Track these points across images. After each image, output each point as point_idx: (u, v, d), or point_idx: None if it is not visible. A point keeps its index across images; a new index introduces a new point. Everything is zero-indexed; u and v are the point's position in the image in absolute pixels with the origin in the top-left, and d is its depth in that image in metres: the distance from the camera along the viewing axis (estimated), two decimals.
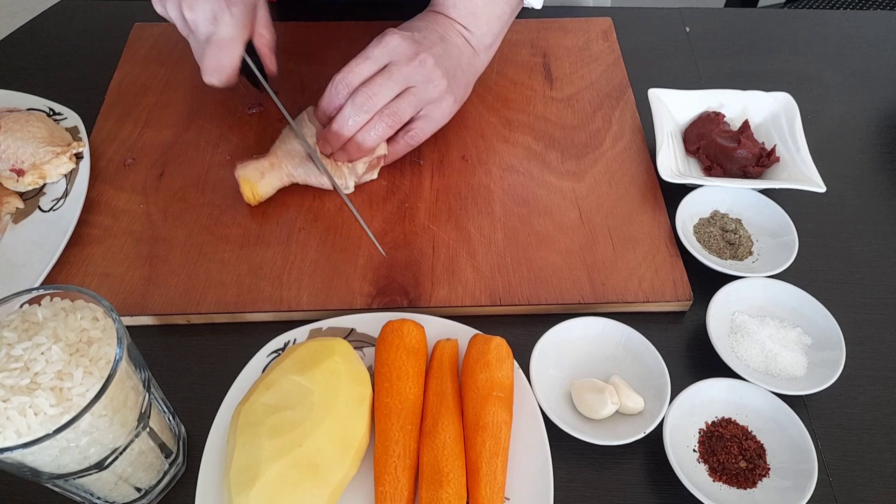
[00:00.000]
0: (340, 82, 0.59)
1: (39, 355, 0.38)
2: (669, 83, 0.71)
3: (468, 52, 0.65)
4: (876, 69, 0.79)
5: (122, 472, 0.43)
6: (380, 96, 0.59)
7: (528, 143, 0.69)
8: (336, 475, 0.45)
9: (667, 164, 0.64)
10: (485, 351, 0.51)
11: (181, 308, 0.57)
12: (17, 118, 0.64)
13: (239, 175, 0.61)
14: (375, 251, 0.60)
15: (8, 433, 0.36)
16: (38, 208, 0.62)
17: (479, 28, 0.65)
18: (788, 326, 0.56)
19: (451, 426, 0.48)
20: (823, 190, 0.61)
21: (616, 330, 0.55)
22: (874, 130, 0.73)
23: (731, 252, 0.61)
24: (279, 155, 0.62)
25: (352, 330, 0.55)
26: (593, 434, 0.49)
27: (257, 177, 0.61)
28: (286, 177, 0.62)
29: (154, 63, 0.76)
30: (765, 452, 0.50)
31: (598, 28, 0.81)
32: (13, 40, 0.81)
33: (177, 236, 0.61)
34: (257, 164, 0.61)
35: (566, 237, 0.62)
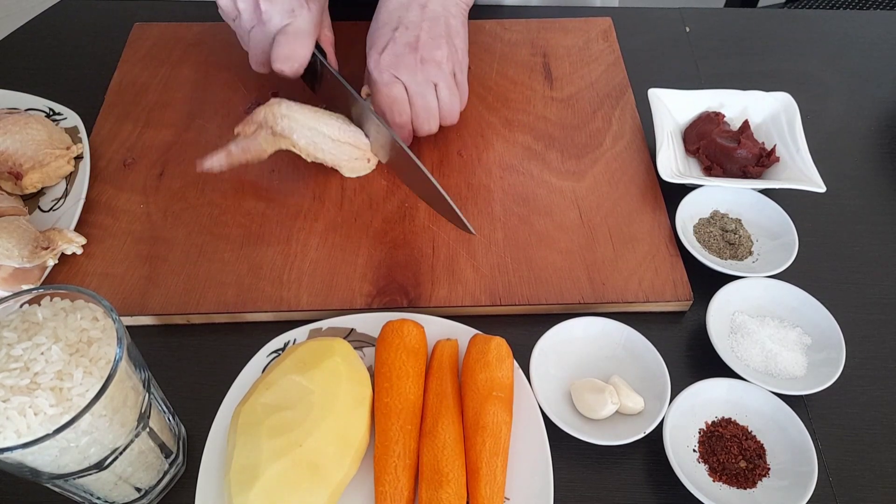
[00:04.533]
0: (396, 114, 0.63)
1: (39, 355, 0.38)
2: (669, 83, 0.71)
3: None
4: (876, 69, 0.79)
5: (122, 472, 0.43)
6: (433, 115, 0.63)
7: (528, 143, 0.69)
8: (336, 475, 0.45)
9: (667, 164, 0.64)
10: (485, 351, 0.51)
11: (181, 308, 0.57)
12: (17, 120, 0.63)
13: None
14: (375, 251, 0.60)
15: (8, 433, 0.36)
16: (39, 208, 0.62)
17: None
18: (788, 326, 0.56)
19: (451, 426, 0.48)
20: (823, 190, 0.61)
21: (616, 330, 0.55)
22: (874, 130, 0.73)
23: (731, 252, 0.61)
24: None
25: (352, 330, 0.55)
26: (593, 434, 0.49)
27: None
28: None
29: (154, 63, 0.76)
30: (765, 452, 0.50)
31: (598, 28, 0.81)
32: (13, 40, 0.81)
33: (177, 236, 0.61)
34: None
35: (566, 237, 0.62)
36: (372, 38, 0.63)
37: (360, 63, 0.76)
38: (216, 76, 0.75)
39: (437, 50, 0.61)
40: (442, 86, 0.62)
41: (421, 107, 0.62)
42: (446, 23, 0.63)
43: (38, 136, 0.63)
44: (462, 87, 0.65)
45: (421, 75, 0.61)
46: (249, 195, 0.65)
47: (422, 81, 0.61)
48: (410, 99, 0.62)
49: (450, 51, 0.62)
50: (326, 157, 0.62)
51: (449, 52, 0.62)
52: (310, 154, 0.62)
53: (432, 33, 0.62)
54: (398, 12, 0.63)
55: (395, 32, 0.62)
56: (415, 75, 0.61)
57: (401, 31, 0.62)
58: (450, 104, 0.63)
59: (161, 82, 0.75)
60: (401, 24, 0.62)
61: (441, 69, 0.61)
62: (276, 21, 0.62)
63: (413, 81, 0.61)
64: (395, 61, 0.61)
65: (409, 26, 0.62)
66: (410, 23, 0.62)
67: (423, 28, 0.61)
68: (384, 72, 0.61)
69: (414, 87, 0.61)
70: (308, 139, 0.61)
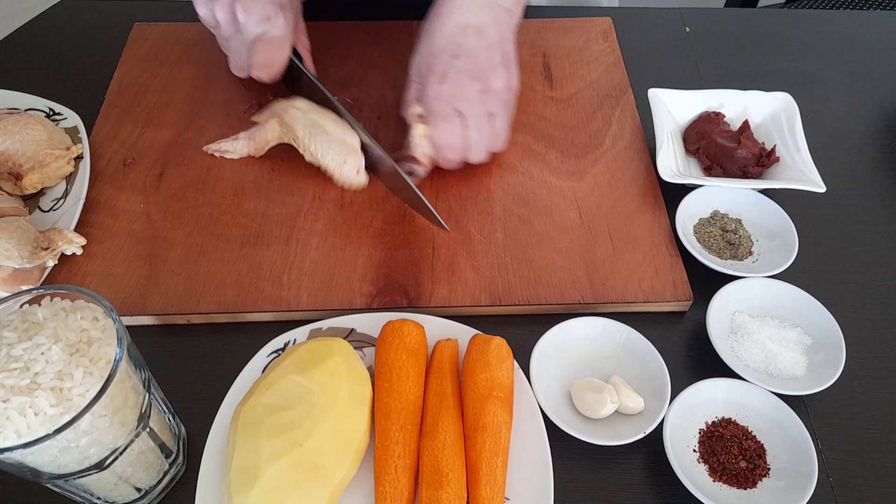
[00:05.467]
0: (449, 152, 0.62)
1: (39, 355, 0.38)
2: (669, 83, 0.71)
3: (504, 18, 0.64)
4: (876, 69, 0.79)
5: (122, 472, 0.43)
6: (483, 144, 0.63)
7: (528, 143, 0.69)
8: (336, 475, 0.45)
9: (667, 164, 0.64)
10: (485, 351, 0.51)
11: (181, 308, 0.57)
12: (17, 120, 0.63)
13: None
14: (375, 251, 0.60)
15: (8, 433, 0.36)
16: (39, 208, 0.62)
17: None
18: (788, 326, 0.56)
19: (451, 426, 0.48)
20: (823, 190, 0.61)
21: (616, 330, 0.55)
22: (874, 130, 0.73)
23: (731, 252, 0.61)
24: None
25: (352, 330, 0.55)
26: (593, 434, 0.49)
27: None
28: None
29: (154, 63, 0.76)
30: (765, 452, 0.50)
31: (598, 28, 0.81)
32: (13, 40, 0.81)
33: (177, 236, 0.61)
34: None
35: (566, 237, 0.62)
36: (429, 63, 0.62)
37: (359, 63, 0.76)
38: (216, 76, 0.75)
39: (498, 80, 0.61)
40: (500, 117, 0.62)
41: (476, 139, 0.61)
42: (503, 49, 0.62)
43: (38, 136, 0.63)
44: (512, 116, 0.64)
45: (480, 108, 0.61)
46: (249, 195, 0.65)
47: (480, 114, 0.61)
48: (467, 131, 0.61)
49: (508, 80, 0.62)
50: (318, 151, 0.63)
51: (507, 81, 0.62)
52: (307, 148, 0.63)
53: (492, 62, 0.61)
54: (457, 38, 0.61)
55: (454, 60, 0.60)
56: (474, 107, 0.60)
57: (463, 60, 0.60)
58: (504, 134, 0.63)
59: (161, 82, 0.75)
60: (461, 51, 0.61)
61: (499, 100, 0.61)
62: (252, 30, 0.62)
63: (472, 114, 0.60)
64: (457, 92, 0.60)
65: (471, 54, 0.61)
66: (471, 50, 0.61)
67: (482, 56, 0.61)
68: (445, 104, 0.60)
69: (473, 121, 0.61)
70: (307, 130, 0.62)
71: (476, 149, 0.62)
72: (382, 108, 0.72)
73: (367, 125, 0.70)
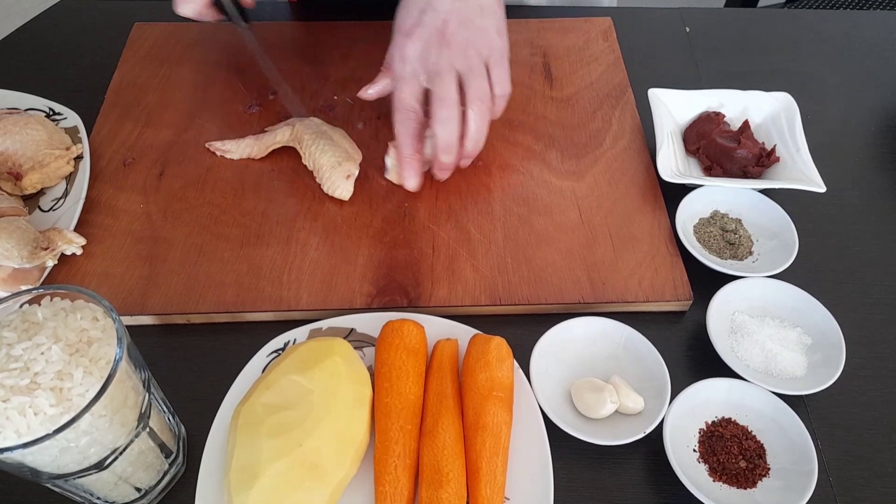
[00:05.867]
0: (403, 112, 0.59)
1: (39, 355, 0.38)
2: (669, 83, 0.71)
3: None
4: (876, 69, 0.79)
5: (122, 472, 0.43)
6: (449, 101, 0.57)
7: (528, 143, 0.69)
8: (336, 475, 0.45)
9: (667, 164, 0.64)
10: (485, 351, 0.51)
11: (181, 308, 0.57)
12: (17, 121, 0.63)
13: None
14: (375, 251, 0.60)
15: (8, 433, 0.36)
16: (39, 208, 0.62)
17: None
18: (788, 326, 0.56)
19: (451, 426, 0.48)
20: (823, 190, 0.61)
21: (616, 330, 0.55)
22: (874, 130, 0.73)
23: (731, 252, 0.61)
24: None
25: (352, 330, 0.55)
26: (593, 434, 0.49)
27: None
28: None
29: (154, 63, 0.76)
30: (765, 452, 0.50)
31: (598, 28, 0.81)
32: (13, 40, 0.81)
33: (177, 236, 0.61)
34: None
35: (566, 237, 0.62)
36: (398, 17, 0.59)
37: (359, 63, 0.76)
38: (216, 76, 0.75)
39: (465, 32, 0.57)
40: (468, 73, 0.57)
41: (437, 98, 0.57)
42: (478, 4, 0.58)
43: (38, 136, 0.63)
44: (501, 68, 0.59)
45: (444, 61, 0.56)
46: (249, 195, 0.65)
47: (446, 68, 0.57)
48: (431, 93, 0.57)
49: (482, 34, 0.57)
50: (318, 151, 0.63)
51: (481, 35, 0.57)
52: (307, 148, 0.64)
53: (462, 16, 0.57)
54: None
55: (422, 16, 0.57)
56: (438, 61, 0.56)
57: (429, 17, 0.57)
58: (477, 89, 0.58)
59: (161, 82, 0.75)
60: (426, 7, 0.58)
61: (469, 55, 0.57)
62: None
63: (435, 68, 0.57)
64: (422, 50, 0.57)
65: (437, 8, 0.57)
66: (438, 4, 0.57)
67: (452, 10, 0.57)
68: (404, 63, 0.57)
69: (432, 72, 0.57)
70: (314, 134, 0.64)
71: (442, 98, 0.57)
72: (382, 107, 0.72)
73: (367, 125, 0.70)
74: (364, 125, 0.70)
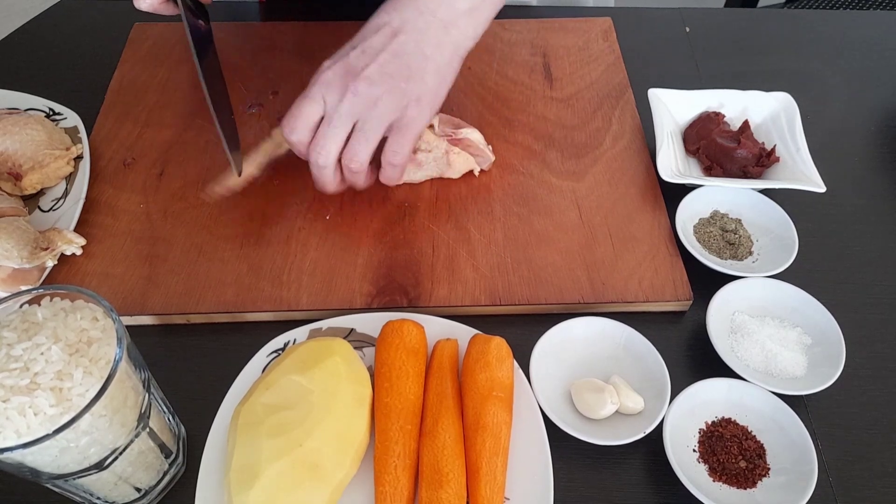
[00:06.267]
0: (289, 130, 0.57)
1: (39, 355, 0.38)
2: (669, 83, 0.71)
3: (434, 32, 0.56)
4: (876, 69, 0.79)
5: (121, 472, 0.43)
6: (328, 148, 0.56)
7: (528, 143, 0.69)
8: (336, 475, 0.45)
9: (667, 164, 0.64)
10: (485, 351, 0.51)
11: (181, 308, 0.57)
12: (16, 121, 0.63)
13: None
14: (375, 251, 0.60)
15: (8, 433, 0.36)
16: (38, 208, 0.62)
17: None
18: (788, 326, 0.56)
19: (451, 426, 0.48)
20: (823, 190, 0.61)
21: (616, 330, 0.55)
22: (874, 130, 0.73)
23: (731, 252, 0.61)
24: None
25: (352, 330, 0.55)
26: (593, 434, 0.49)
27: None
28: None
29: (154, 63, 0.76)
30: (765, 452, 0.50)
31: (598, 28, 0.81)
32: (13, 40, 0.81)
33: (176, 236, 0.61)
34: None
35: (566, 237, 0.62)
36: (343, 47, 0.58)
37: None
38: None
39: (378, 89, 0.54)
40: (359, 126, 0.55)
41: (322, 133, 0.56)
42: (409, 64, 0.55)
43: (38, 136, 0.63)
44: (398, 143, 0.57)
45: (346, 106, 0.55)
46: (249, 195, 0.64)
47: (344, 113, 0.55)
48: (321, 122, 0.56)
49: (394, 99, 0.55)
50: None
51: (392, 99, 0.55)
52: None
53: (385, 69, 0.54)
54: (370, 32, 0.57)
55: (351, 52, 0.56)
56: (339, 103, 0.55)
57: (356, 54, 0.55)
58: (357, 146, 0.56)
59: (161, 82, 0.75)
60: (361, 44, 0.56)
61: (372, 110, 0.55)
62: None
63: (333, 107, 0.55)
64: (330, 82, 0.55)
65: (367, 51, 0.55)
66: (370, 48, 0.55)
67: (377, 59, 0.55)
68: (316, 85, 0.56)
69: (330, 113, 0.55)
70: None
71: (321, 145, 0.56)
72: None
73: None
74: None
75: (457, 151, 0.63)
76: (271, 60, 0.77)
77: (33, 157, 0.62)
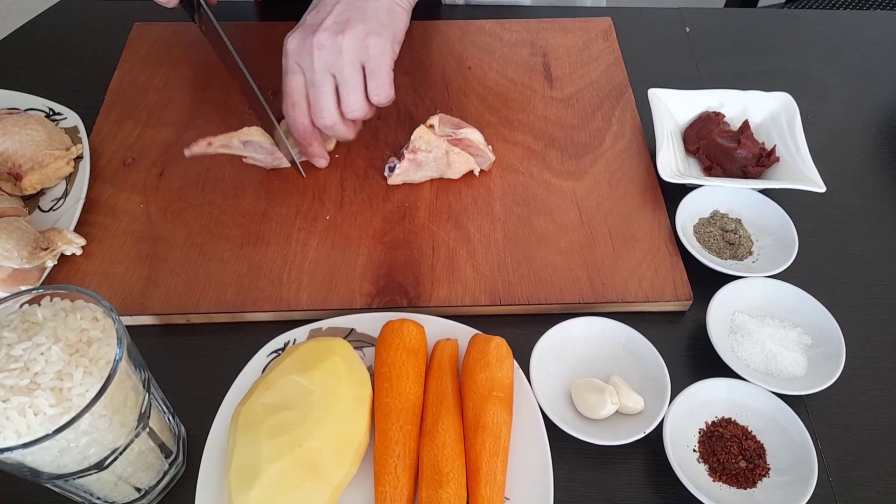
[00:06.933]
0: (289, 108, 0.60)
1: (39, 355, 0.38)
2: (669, 83, 0.71)
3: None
4: (876, 69, 0.79)
5: (121, 472, 0.43)
6: (326, 108, 0.59)
7: (528, 143, 0.69)
8: (336, 475, 0.45)
9: (667, 164, 0.64)
10: (485, 351, 0.51)
11: (181, 308, 0.57)
12: (16, 121, 0.63)
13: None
14: (375, 251, 0.60)
15: (8, 433, 0.36)
16: (38, 208, 0.62)
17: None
18: (788, 326, 0.56)
19: (451, 426, 0.48)
20: (823, 190, 0.61)
21: (616, 330, 0.55)
22: (874, 130, 0.73)
23: (731, 252, 0.61)
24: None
25: (352, 330, 0.55)
26: (593, 434, 0.49)
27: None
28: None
29: (154, 63, 0.76)
30: (765, 452, 0.50)
31: (598, 28, 0.81)
32: (13, 40, 0.81)
33: (176, 236, 0.61)
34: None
35: (566, 237, 0.62)
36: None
37: None
38: (216, 76, 0.75)
39: (339, 35, 0.56)
40: (339, 77, 0.57)
41: (314, 98, 0.58)
42: (363, 6, 0.58)
43: (38, 136, 0.63)
44: (378, 78, 0.58)
45: (318, 63, 0.57)
46: (249, 195, 0.65)
47: (318, 70, 0.57)
48: (307, 89, 0.58)
49: (354, 37, 0.56)
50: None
51: (353, 37, 0.56)
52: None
53: (339, 17, 0.57)
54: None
55: (307, 15, 0.59)
56: (312, 63, 0.57)
57: (312, 14, 0.58)
58: (347, 98, 0.58)
59: (161, 82, 0.75)
60: (316, 6, 0.59)
61: (340, 57, 0.56)
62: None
63: (310, 69, 0.57)
64: (297, 47, 0.58)
65: (321, 9, 0.58)
66: (324, 6, 0.58)
67: (332, 12, 0.57)
68: (288, 57, 0.58)
69: (310, 76, 0.58)
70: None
71: (316, 109, 0.59)
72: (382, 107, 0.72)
73: (366, 124, 0.70)
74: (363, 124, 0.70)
75: (457, 151, 0.63)
76: (268, 60, 0.76)
77: (33, 158, 0.62)
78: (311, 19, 0.58)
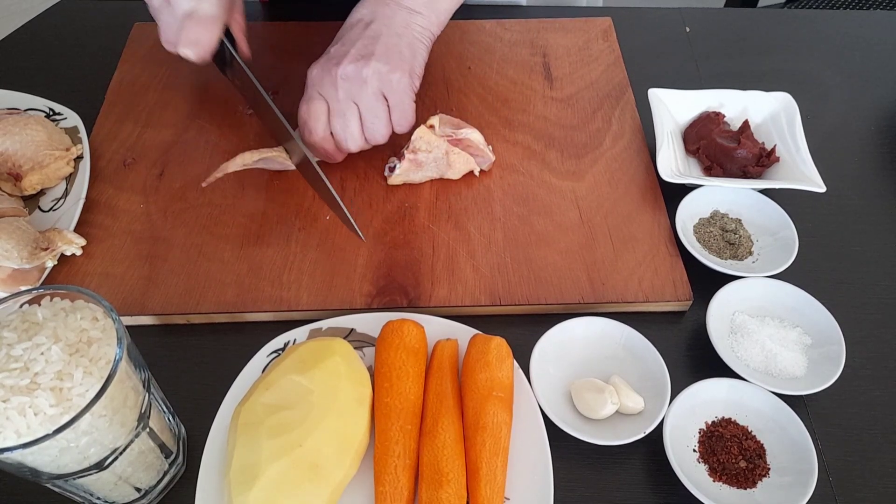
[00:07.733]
0: (307, 134, 0.62)
1: (39, 355, 0.38)
2: (669, 83, 0.71)
3: (401, 17, 0.62)
4: (876, 69, 0.79)
5: (121, 472, 0.43)
6: (352, 135, 0.61)
7: (528, 143, 0.69)
8: (336, 475, 0.45)
9: (667, 164, 0.64)
10: (485, 351, 0.51)
11: (181, 308, 0.57)
12: (16, 121, 0.63)
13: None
14: (375, 251, 0.60)
15: (8, 433, 0.36)
16: (38, 208, 0.62)
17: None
18: (788, 326, 0.56)
19: (451, 426, 0.48)
20: (823, 190, 0.61)
21: (616, 330, 0.55)
22: (874, 130, 0.73)
23: (731, 252, 0.61)
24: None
25: (352, 330, 0.55)
26: (593, 434, 0.49)
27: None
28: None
29: (154, 63, 0.76)
30: (765, 452, 0.50)
31: (598, 28, 0.81)
32: (13, 40, 0.81)
33: (177, 236, 0.61)
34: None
35: (566, 237, 0.62)
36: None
37: None
38: (216, 76, 0.75)
39: (364, 68, 0.59)
40: (362, 106, 0.60)
41: (341, 126, 0.60)
42: (386, 42, 0.60)
43: (38, 137, 0.63)
44: (400, 109, 0.61)
45: (342, 93, 0.59)
46: (249, 195, 0.65)
47: (343, 99, 0.59)
48: (330, 117, 0.61)
49: (377, 70, 0.59)
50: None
51: (376, 70, 0.59)
52: None
53: (363, 51, 0.60)
54: (346, 30, 0.62)
55: (331, 48, 0.61)
56: (336, 92, 0.59)
57: (336, 47, 0.61)
58: (371, 126, 0.61)
59: (161, 82, 0.75)
60: (340, 39, 0.62)
61: (364, 88, 0.59)
62: (184, 6, 0.60)
63: (333, 99, 0.60)
64: (320, 77, 0.60)
65: (346, 42, 0.61)
66: (348, 39, 0.61)
67: (356, 45, 0.60)
68: (309, 87, 0.61)
69: (333, 105, 0.60)
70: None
71: (340, 136, 0.61)
72: None
73: None
74: None
75: (457, 152, 0.63)
76: (274, 61, 0.77)
77: (33, 158, 0.62)
78: (336, 51, 0.61)
